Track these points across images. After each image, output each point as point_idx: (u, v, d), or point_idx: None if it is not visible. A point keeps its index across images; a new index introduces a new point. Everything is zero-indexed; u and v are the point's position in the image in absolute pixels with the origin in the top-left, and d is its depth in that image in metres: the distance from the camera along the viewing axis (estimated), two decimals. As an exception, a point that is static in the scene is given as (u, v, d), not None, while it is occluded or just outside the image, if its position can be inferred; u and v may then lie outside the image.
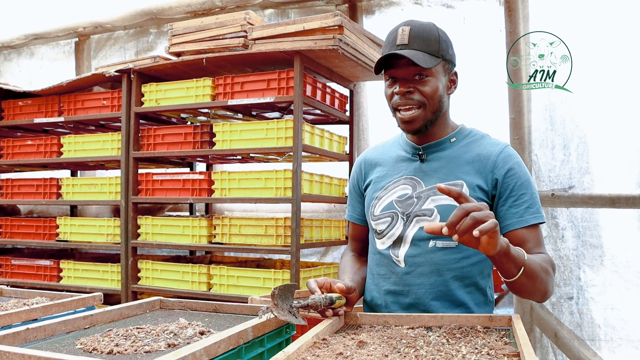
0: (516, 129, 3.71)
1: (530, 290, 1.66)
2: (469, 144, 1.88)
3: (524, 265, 1.56)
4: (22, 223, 4.63)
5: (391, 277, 1.88)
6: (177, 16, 5.04)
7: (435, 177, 1.84)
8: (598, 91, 3.54)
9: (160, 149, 4.00)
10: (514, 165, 1.81)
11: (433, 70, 1.77)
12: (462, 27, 4.05)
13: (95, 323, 1.84)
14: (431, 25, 1.81)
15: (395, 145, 2.01)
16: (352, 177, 2.10)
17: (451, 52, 1.85)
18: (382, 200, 1.91)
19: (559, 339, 3.56)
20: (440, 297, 1.81)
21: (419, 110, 1.79)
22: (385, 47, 1.81)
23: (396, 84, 1.80)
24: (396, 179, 1.91)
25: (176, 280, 3.92)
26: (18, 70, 6.22)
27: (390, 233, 1.87)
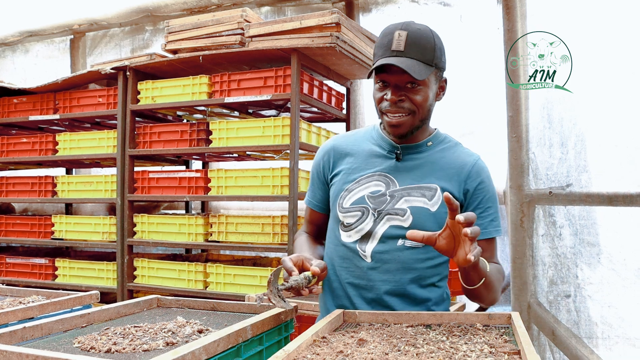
0: (514, 127, 3.71)
1: (484, 298, 1.76)
2: (443, 150, 1.90)
3: (485, 277, 1.66)
4: (17, 221, 4.60)
5: (355, 271, 1.88)
6: (173, 13, 5.03)
7: (409, 178, 1.86)
8: (596, 89, 3.54)
9: (157, 146, 3.99)
10: (485, 178, 1.87)
11: (426, 79, 1.76)
12: (459, 25, 4.05)
13: (93, 321, 1.82)
14: (428, 31, 1.78)
15: (368, 139, 1.98)
16: (317, 163, 2.04)
17: (444, 59, 1.84)
18: (352, 193, 1.90)
19: (556, 336, 3.56)
20: (402, 295, 1.84)
21: (408, 117, 1.79)
22: (379, 50, 1.78)
23: (387, 90, 1.78)
24: (369, 174, 1.90)
25: (172, 278, 3.91)
26: (12, 68, 6.19)
27: (359, 227, 1.87)
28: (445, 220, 1.63)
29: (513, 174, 3.72)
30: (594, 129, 3.59)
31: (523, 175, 3.69)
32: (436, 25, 4.04)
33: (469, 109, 4.10)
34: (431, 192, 1.81)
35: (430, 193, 1.81)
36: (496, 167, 3.98)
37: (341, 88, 4.37)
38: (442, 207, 1.79)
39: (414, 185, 1.83)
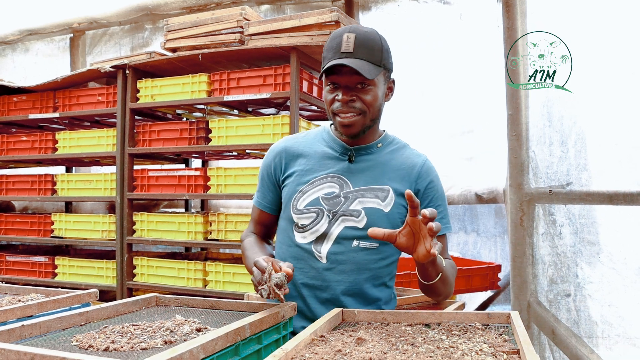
0: (514, 125, 3.70)
1: (440, 292, 1.85)
2: (393, 151, 1.97)
3: (442, 272, 1.74)
4: (17, 219, 4.60)
5: (310, 272, 1.92)
6: (173, 12, 5.02)
7: (362, 179, 1.91)
8: (596, 87, 3.53)
9: (156, 145, 3.98)
10: (434, 178, 1.95)
11: (375, 79, 1.81)
12: (459, 23, 4.04)
13: (91, 320, 1.82)
14: (375, 33, 1.84)
15: (319, 140, 2.01)
16: (268, 165, 2.06)
17: (391, 60, 1.90)
18: (307, 195, 1.93)
19: (556, 336, 3.56)
20: (356, 294, 1.91)
21: (359, 117, 1.83)
22: (329, 52, 1.82)
23: (338, 91, 1.82)
24: (323, 176, 1.94)
25: (172, 277, 3.91)
26: (13, 66, 6.19)
27: (314, 229, 1.91)
28: (398, 220, 1.83)
29: (513, 173, 3.72)
30: (595, 128, 3.58)
31: (523, 174, 3.69)
32: (436, 23, 4.07)
33: (469, 107, 4.09)
34: (384, 193, 1.88)
35: (383, 194, 1.88)
36: (496, 166, 3.98)
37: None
38: (394, 208, 1.87)
39: (367, 187, 1.89)
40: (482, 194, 4.02)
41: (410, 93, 4.40)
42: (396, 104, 4.42)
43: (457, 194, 4.14)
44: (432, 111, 4.35)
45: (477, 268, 3.91)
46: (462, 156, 4.36)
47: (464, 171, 4.27)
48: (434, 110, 4.34)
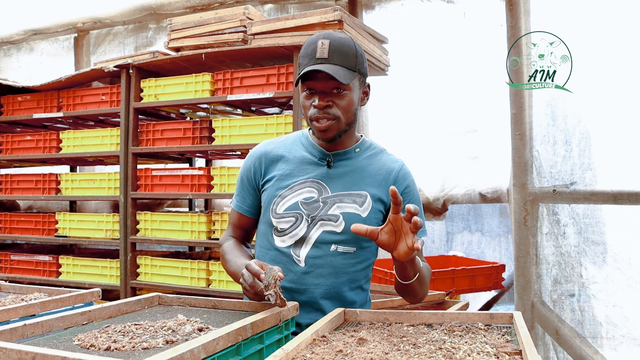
0: (517, 124, 3.69)
1: (417, 293, 1.88)
2: (370, 157, 2.01)
3: (419, 272, 1.78)
4: (21, 218, 4.61)
5: (288, 275, 1.95)
6: (177, 11, 5.03)
7: (340, 184, 1.95)
8: (601, 86, 3.52)
9: (160, 144, 3.99)
10: (410, 183, 2.00)
11: (350, 84, 1.84)
12: (463, 22, 4.03)
13: (93, 319, 1.82)
14: (349, 39, 1.87)
15: (298, 145, 2.05)
16: (247, 168, 2.08)
17: (365, 65, 1.92)
18: (286, 200, 1.97)
19: (560, 336, 3.54)
20: (333, 297, 1.94)
21: (334, 122, 1.86)
22: (304, 59, 1.85)
23: (314, 97, 1.85)
24: (302, 181, 1.97)
25: (175, 276, 3.91)
26: (18, 66, 6.21)
27: (293, 233, 1.95)
28: (373, 224, 1.82)
29: (516, 172, 3.71)
30: (599, 127, 3.57)
31: (527, 173, 3.68)
32: (440, 22, 4.05)
33: (473, 106, 4.09)
34: (362, 198, 1.92)
35: (360, 199, 1.92)
36: (500, 166, 3.97)
37: (344, 86, 4.34)
38: (372, 213, 1.92)
39: (345, 192, 1.93)
40: (486, 193, 4.01)
41: (414, 92, 4.40)
42: (400, 103, 4.45)
43: (461, 194, 4.13)
44: (436, 110, 4.35)
45: (480, 268, 3.90)
46: (466, 155, 4.35)
47: (468, 171, 4.27)
48: (437, 109, 4.34)
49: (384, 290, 3.56)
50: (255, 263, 1.72)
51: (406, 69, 4.38)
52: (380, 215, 1.95)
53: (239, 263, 1.90)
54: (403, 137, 4.54)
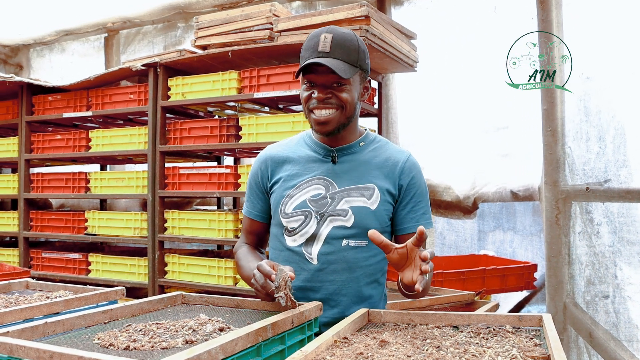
0: (549, 120, 3.59)
1: (419, 297, 1.94)
2: (376, 149, 2.01)
3: (426, 286, 1.76)
4: (52, 217, 4.66)
5: (302, 274, 1.95)
6: (205, 10, 5.03)
7: (347, 178, 1.95)
8: (636, 80, 3.40)
9: (187, 142, 3.99)
10: (417, 174, 1.98)
11: (350, 79, 1.85)
12: (493, 17, 3.95)
13: (115, 318, 1.81)
14: (352, 34, 1.88)
15: (302, 145, 2.07)
16: (255, 174, 2.10)
17: (367, 61, 1.93)
18: (294, 199, 1.97)
19: (593, 339, 3.44)
20: (350, 293, 1.93)
21: (335, 114, 1.87)
22: (306, 52, 1.87)
23: (314, 89, 1.87)
24: (308, 179, 1.97)
25: (202, 274, 3.91)
26: (50, 66, 6.30)
27: (304, 231, 1.95)
28: (385, 217, 1.90)
29: (548, 170, 3.61)
30: (634, 122, 3.45)
31: (558, 171, 3.58)
32: (469, 16, 3.97)
33: (504, 103, 4.00)
34: (369, 191, 1.91)
35: (368, 192, 1.91)
36: (532, 163, 3.87)
37: (373, 82, 4.31)
38: (381, 205, 1.91)
39: (352, 186, 1.93)
40: (518, 191, 3.92)
41: (444, 88, 4.33)
42: (429, 99, 4.38)
43: (492, 192, 4.05)
44: (466, 107, 4.27)
45: (511, 267, 3.81)
46: (497, 153, 4.27)
47: (499, 168, 4.18)
48: (468, 105, 4.26)
49: (412, 290, 3.49)
50: (267, 264, 1.71)
51: (436, 64, 4.31)
52: (389, 207, 1.94)
53: (251, 266, 1.89)
54: (433, 134, 4.47)
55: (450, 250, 5.79)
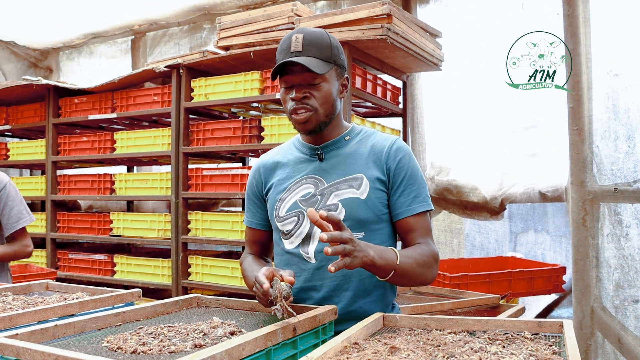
0: (575, 118, 3.49)
1: (404, 284, 1.88)
2: (362, 140, 2.00)
3: (395, 269, 1.73)
4: (79, 218, 4.71)
5: (302, 274, 1.94)
6: (230, 11, 5.04)
7: (335, 173, 1.94)
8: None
9: (210, 144, 3.99)
10: (404, 156, 1.94)
11: (326, 75, 1.87)
12: (521, 13, 3.87)
13: (127, 320, 1.80)
14: (323, 32, 1.90)
15: (291, 149, 2.09)
16: (250, 184, 2.13)
17: (342, 57, 1.94)
18: (286, 202, 1.98)
19: (622, 345, 3.32)
20: (352, 287, 1.90)
21: (314, 113, 1.87)
22: (279, 55, 1.88)
23: (292, 90, 1.87)
24: (297, 180, 1.98)
25: (225, 276, 3.89)
26: (79, 69, 6.38)
27: (298, 232, 1.95)
28: (377, 204, 1.88)
29: (574, 170, 3.50)
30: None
31: (585, 171, 3.47)
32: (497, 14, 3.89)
33: (531, 102, 3.91)
34: (357, 181, 1.90)
35: (357, 183, 1.90)
36: (561, 163, 3.77)
37: (397, 82, 4.25)
38: (371, 193, 1.89)
39: (340, 180, 1.92)
40: (547, 192, 3.82)
41: (470, 87, 4.25)
42: (456, 98, 4.31)
43: (520, 192, 3.95)
44: (493, 106, 4.19)
45: (539, 270, 3.72)
46: (525, 152, 4.18)
47: (527, 168, 4.09)
48: (495, 104, 4.18)
49: (435, 293, 3.44)
50: (265, 271, 1.69)
51: (462, 63, 4.24)
52: (382, 194, 1.91)
53: (254, 275, 1.87)
54: (459, 134, 4.40)
55: (479, 252, 5.70)
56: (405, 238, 1.93)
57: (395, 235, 1.99)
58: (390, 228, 1.95)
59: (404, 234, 1.93)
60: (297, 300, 1.96)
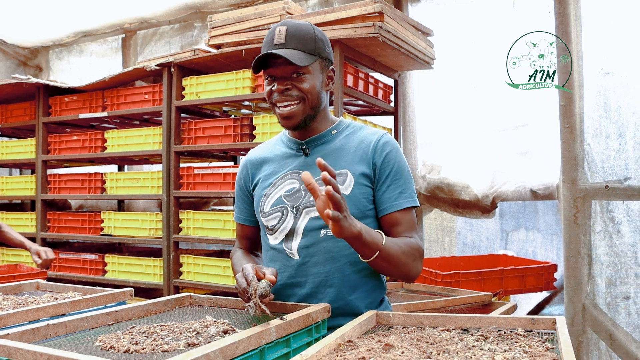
0: (566, 116, 3.50)
1: (388, 270, 1.83)
2: (349, 135, 1.98)
3: (379, 250, 1.70)
4: (69, 217, 4.68)
5: (286, 271, 1.93)
6: (221, 9, 5.02)
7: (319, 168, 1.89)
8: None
9: (201, 142, 3.97)
10: (390, 152, 1.92)
11: (310, 68, 1.85)
12: (511, 12, 3.88)
13: (120, 319, 1.79)
14: (307, 25, 1.88)
15: (278, 144, 2.08)
16: (238, 179, 2.13)
17: (327, 50, 1.92)
18: (270, 197, 1.97)
19: (614, 341, 3.34)
20: (336, 283, 1.88)
21: (298, 106, 1.86)
22: (263, 47, 1.87)
23: (274, 82, 1.87)
24: (282, 175, 1.98)
25: (217, 275, 3.88)
26: (69, 68, 6.34)
27: (282, 227, 1.94)
28: (362, 200, 1.87)
29: (566, 167, 3.51)
30: (657, 118, 3.35)
31: (577, 169, 3.48)
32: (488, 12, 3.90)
33: (523, 100, 3.91)
34: (342, 177, 1.88)
35: (342, 178, 1.88)
36: (552, 161, 3.79)
37: (389, 80, 4.25)
38: (355, 189, 1.87)
39: None
40: (538, 190, 3.83)
41: (462, 86, 4.26)
42: (447, 97, 4.31)
43: (511, 190, 3.97)
44: (484, 104, 4.20)
45: (530, 267, 3.74)
46: (516, 151, 4.19)
47: (518, 166, 4.10)
48: (486, 103, 4.19)
49: (427, 291, 3.44)
50: (245, 271, 1.69)
51: (453, 61, 4.25)
52: (367, 190, 1.90)
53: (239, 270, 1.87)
54: (451, 132, 4.41)
55: (470, 250, 5.71)
56: (390, 233, 1.90)
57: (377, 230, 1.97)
58: (375, 224, 1.93)
59: (389, 229, 1.90)
60: (282, 296, 1.96)
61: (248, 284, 1.63)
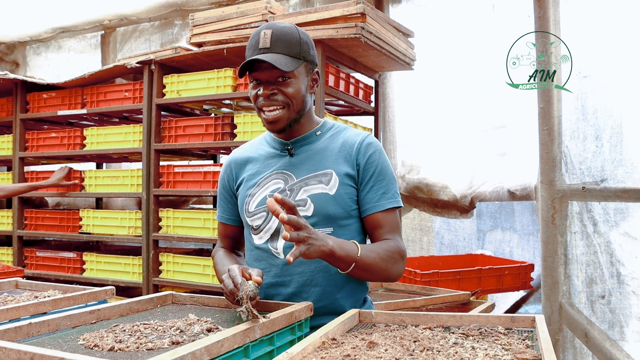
0: (545, 119, 3.56)
1: (367, 278, 1.88)
2: (333, 136, 2.00)
3: (355, 262, 1.74)
4: (47, 215, 4.63)
5: (271, 270, 1.95)
6: (202, 7, 5.00)
7: (304, 169, 1.94)
8: (634, 79, 3.37)
9: (182, 141, 3.96)
10: (374, 152, 1.94)
11: (295, 72, 1.86)
12: (491, 15, 3.93)
13: (102, 318, 1.78)
14: (292, 27, 1.88)
15: (262, 144, 2.09)
16: (222, 178, 2.13)
17: (312, 52, 1.93)
18: (255, 197, 1.98)
19: (589, 339, 3.40)
20: (321, 283, 1.90)
21: (283, 111, 1.87)
22: (248, 51, 1.87)
23: (260, 86, 1.87)
24: (267, 175, 1.99)
25: (197, 273, 3.87)
26: (47, 64, 6.26)
27: (267, 227, 1.95)
28: (347, 200, 1.88)
29: (544, 169, 3.57)
30: (631, 121, 3.42)
31: (555, 170, 3.54)
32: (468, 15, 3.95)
33: (501, 102, 3.97)
34: (327, 177, 1.90)
35: (326, 178, 1.90)
36: (529, 162, 3.85)
37: (369, 81, 4.28)
38: (340, 189, 1.89)
39: (310, 175, 1.92)
40: (515, 190, 3.89)
41: (441, 87, 4.30)
42: (427, 98, 4.36)
43: (489, 191, 4.02)
44: (464, 106, 4.25)
45: (508, 267, 3.79)
46: (495, 152, 4.24)
47: (497, 167, 4.16)
48: (465, 104, 4.24)
49: (407, 290, 3.48)
50: (231, 272, 1.70)
51: (433, 63, 4.29)
52: (351, 190, 1.92)
53: (225, 270, 1.87)
54: (430, 133, 4.45)
55: (448, 250, 5.77)
56: (373, 234, 1.93)
57: (364, 231, 1.99)
58: (359, 224, 1.96)
59: (371, 229, 1.93)
60: (267, 296, 1.98)
61: (235, 285, 1.63)
